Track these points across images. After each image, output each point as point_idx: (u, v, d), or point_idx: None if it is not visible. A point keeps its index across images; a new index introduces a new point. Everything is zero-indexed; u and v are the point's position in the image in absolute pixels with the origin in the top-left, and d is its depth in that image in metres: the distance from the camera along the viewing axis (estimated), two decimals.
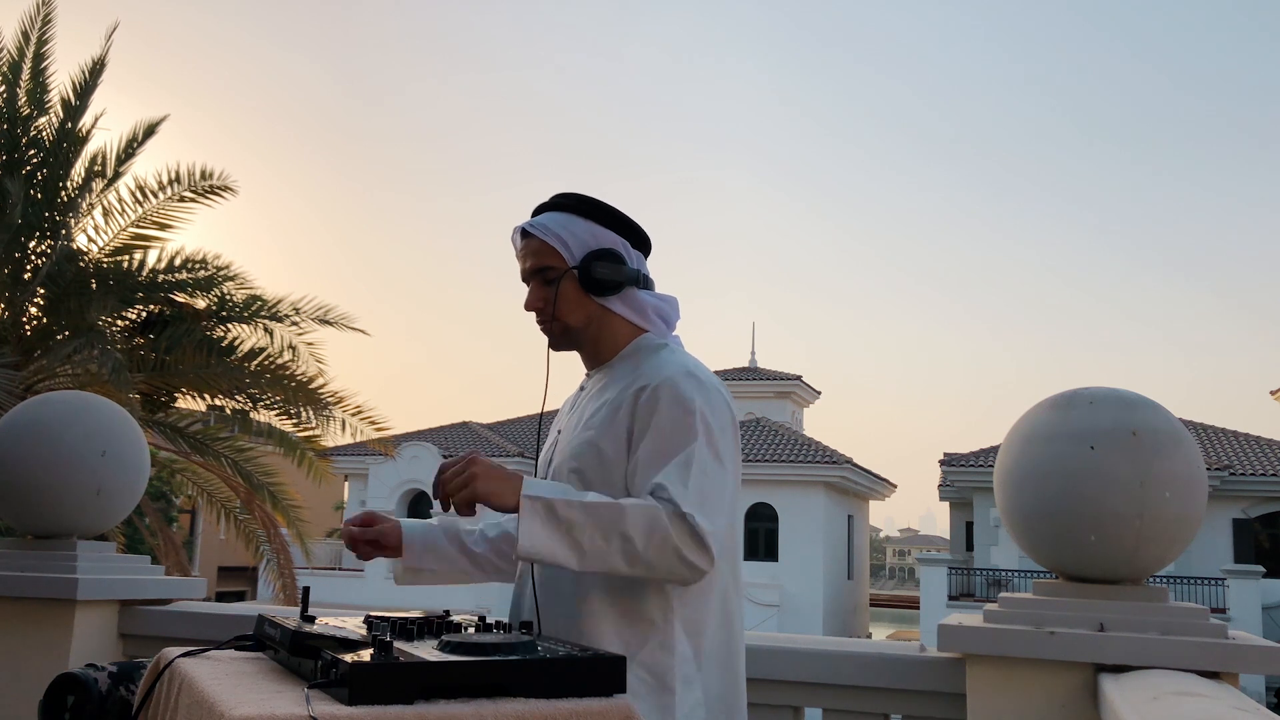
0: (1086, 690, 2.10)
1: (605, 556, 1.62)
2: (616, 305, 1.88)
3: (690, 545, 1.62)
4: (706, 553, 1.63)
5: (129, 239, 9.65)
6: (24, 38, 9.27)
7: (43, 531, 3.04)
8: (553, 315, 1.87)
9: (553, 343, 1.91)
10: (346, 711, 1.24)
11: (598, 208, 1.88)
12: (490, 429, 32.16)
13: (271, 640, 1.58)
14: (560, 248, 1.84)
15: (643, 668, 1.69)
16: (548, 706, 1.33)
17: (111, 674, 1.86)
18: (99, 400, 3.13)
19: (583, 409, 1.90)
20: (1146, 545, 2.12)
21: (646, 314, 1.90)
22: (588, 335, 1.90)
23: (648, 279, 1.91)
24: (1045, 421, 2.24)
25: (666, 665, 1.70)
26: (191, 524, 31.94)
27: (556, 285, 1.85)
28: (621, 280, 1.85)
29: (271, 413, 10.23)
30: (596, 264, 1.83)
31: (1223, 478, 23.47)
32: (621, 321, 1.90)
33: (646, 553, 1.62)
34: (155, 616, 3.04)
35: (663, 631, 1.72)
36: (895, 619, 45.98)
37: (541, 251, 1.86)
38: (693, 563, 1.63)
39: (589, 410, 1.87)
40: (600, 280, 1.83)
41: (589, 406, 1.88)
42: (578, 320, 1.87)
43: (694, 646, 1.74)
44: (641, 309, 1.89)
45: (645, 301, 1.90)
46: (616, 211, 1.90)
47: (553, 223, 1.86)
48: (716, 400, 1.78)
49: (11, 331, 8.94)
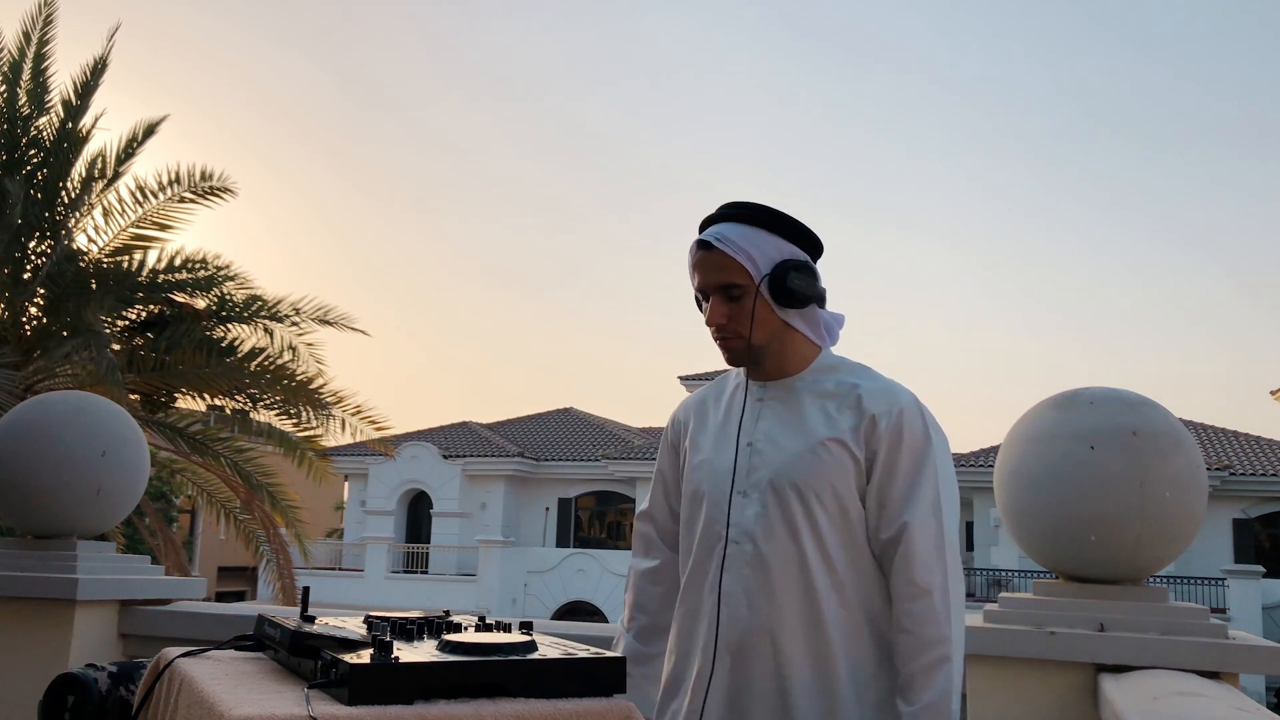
0: (1086, 690, 2.10)
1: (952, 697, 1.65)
2: (797, 321, 1.81)
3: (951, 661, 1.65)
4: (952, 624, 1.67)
5: (129, 239, 9.65)
6: (25, 38, 9.28)
7: (43, 531, 3.04)
8: (740, 332, 1.79)
9: (731, 358, 1.84)
10: (346, 711, 1.24)
11: (781, 219, 1.81)
12: (490, 429, 32.15)
13: (271, 640, 1.58)
14: (748, 264, 1.76)
15: None
16: (548, 706, 1.33)
17: (111, 674, 1.86)
18: (99, 400, 3.13)
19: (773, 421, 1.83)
20: (1146, 545, 2.12)
21: (820, 330, 1.85)
22: (771, 351, 1.82)
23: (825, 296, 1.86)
24: (1045, 421, 2.24)
25: None
26: (191, 524, 31.95)
27: (744, 302, 1.78)
28: (812, 295, 1.78)
29: (271, 413, 10.24)
30: (792, 274, 1.76)
31: (1223, 478, 23.47)
32: (801, 337, 1.83)
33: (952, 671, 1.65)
34: (155, 616, 3.04)
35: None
36: None
37: (727, 268, 1.77)
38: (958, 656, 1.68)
39: (793, 423, 1.81)
40: (793, 292, 1.76)
41: (786, 419, 1.81)
42: (762, 337, 1.80)
43: None
44: (817, 324, 1.83)
45: (821, 317, 1.84)
46: (800, 223, 1.82)
47: (737, 236, 1.78)
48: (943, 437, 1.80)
49: (11, 331, 8.95)
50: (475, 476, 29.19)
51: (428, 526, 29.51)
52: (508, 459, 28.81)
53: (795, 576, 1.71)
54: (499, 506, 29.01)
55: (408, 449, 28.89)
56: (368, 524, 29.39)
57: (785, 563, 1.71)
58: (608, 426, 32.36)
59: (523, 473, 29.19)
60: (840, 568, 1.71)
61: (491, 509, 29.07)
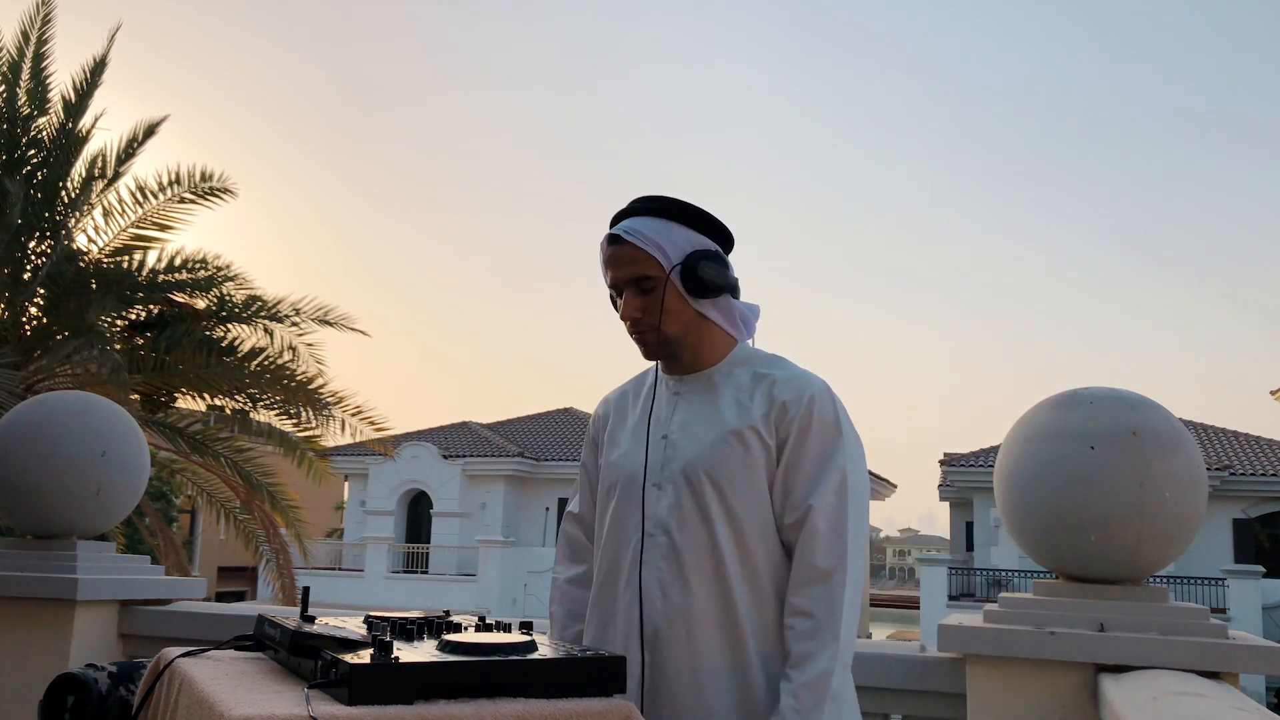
0: (1086, 690, 2.10)
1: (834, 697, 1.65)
2: (711, 312, 1.81)
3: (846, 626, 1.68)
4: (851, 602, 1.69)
5: (129, 239, 9.65)
6: (24, 37, 9.27)
7: (43, 531, 3.03)
8: (655, 325, 1.79)
9: (647, 352, 1.84)
10: (346, 711, 1.24)
11: (690, 211, 1.81)
12: (490, 429, 32.14)
13: (271, 640, 1.58)
14: (659, 255, 1.76)
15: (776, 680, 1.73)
16: (548, 706, 1.33)
17: (111, 674, 1.86)
18: (99, 400, 3.13)
19: (688, 413, 1.82)
20: (1146, 545, 2.12)
21: (735, 321, 1.85)
22: (686, 343, 1.82)
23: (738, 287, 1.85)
24: (1045, 421, 2.24)
25: None
26: (191, 524, 31.94)
27: (656, 294, 1.78)
28: (724, 285, 1.78)
29: (271, 413, 10.24)
30: (703, 264, 1.76)
31: (1223, 478, 23.46)
32: (716, 329, 1.84)
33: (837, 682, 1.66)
34: (155, 616, 3.04)
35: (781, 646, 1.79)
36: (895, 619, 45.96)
37: (638, 260, 1.77)
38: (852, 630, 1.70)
39: (706, 415, 1.81)
40: (704, 282, 1.76)
41: (701, 411, 1.81)
42: (676, 329, 1.80)
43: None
44: (732, 315, 1.84)
45: (736, 308, 1.84)
46: (709, 214, 1.83)
47: (647, 229, 1.78)
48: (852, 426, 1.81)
49: (11, 331, 8.94)
50: (475, 476, 29.18)
51: (428, 526, 29.49)
52: (508, 459, 28.80)
53: (709, 566, 1.72)
54: (499, 506, 29.00)
55: (408, 449, 28.88)
56: (368, 524, 29.38)
57: (699, 553, 1.72)
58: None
59: (523, 473, 29.18)
60: (754, 556, 1.72)
61: (491, 509, 29.06)
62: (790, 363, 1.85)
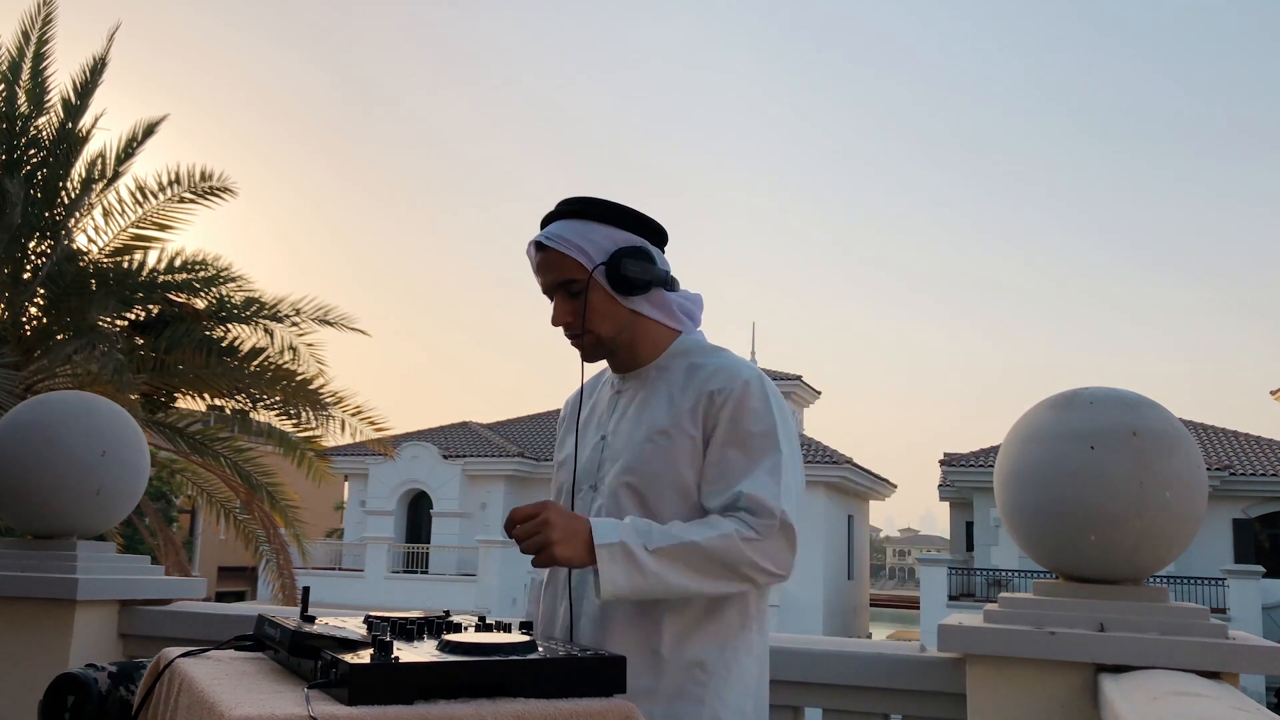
0: (1086, 690, 2.10)
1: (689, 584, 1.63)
2: (645, 307, 1.81)
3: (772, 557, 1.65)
4: (790, 558, 1.68)
5: (129, 239, 9.65)
6: (24, 37, 9.27)
7: (43, 531, 3.03)
8: (584, 328, 1.79)
9: (585, 355, 1.84)
10: (346, 711, 1.24)
11: (612, 209, 1.80)
12: (490, 429, 32.15)
13: (271, 640, 1.58)
14: (581, 258, 1.76)
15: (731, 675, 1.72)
16: (548, 706, 1.33)
17: (111, 674, 1.86)
18: (99, 400, 3.13)
19: (625, 412, 1.83)
20: (1146, 545, 2.12)
21: (674, 313, 1.83)
22: (622, 342, 1.82)
23: (673, 279, 1.84)
24: (1045, 421, 2.24)
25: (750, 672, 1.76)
26: (191, 524, 31.94)
27: (582, 296, 1.77)
28: (651, 280, 1.77)
29: (271, 413, 10.24)
30: (626, 261, 1.75)
31: (1223, 478, 23.46)
32: (653, 324, 1.83)
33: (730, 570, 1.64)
34: (155, 616, 3.04)
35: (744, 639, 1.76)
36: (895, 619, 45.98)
37: (561, 264, 1.78)
38: (773, 572, 1.67)
39: (638, 413, 1.81)
40: (630, 279, 1.75)
41: (635, 410, 1.81)
42: (609, 329, 1.80)
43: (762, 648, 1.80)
44: (668, 308, 1.83)
45: (671, 300, 1.83)
46: (633, 210, 1.82)
47: (568, 232, 1.78)
48: (787, 408, 1.80)
49: (11, 331, 8.94)
50: (475, 476, 29.18)
51: (428, 526, 29.49)
52: (508, 459, 28.80)
53: None
54: (499, 506, 28.99)
55: (408, 449, 28.88)
56: (368, 524, 29.38)
57: None
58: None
59: (523, 473, 29.17)
60: None
61: (491, 509, 29.06)
62: (727, 352, 1.83)
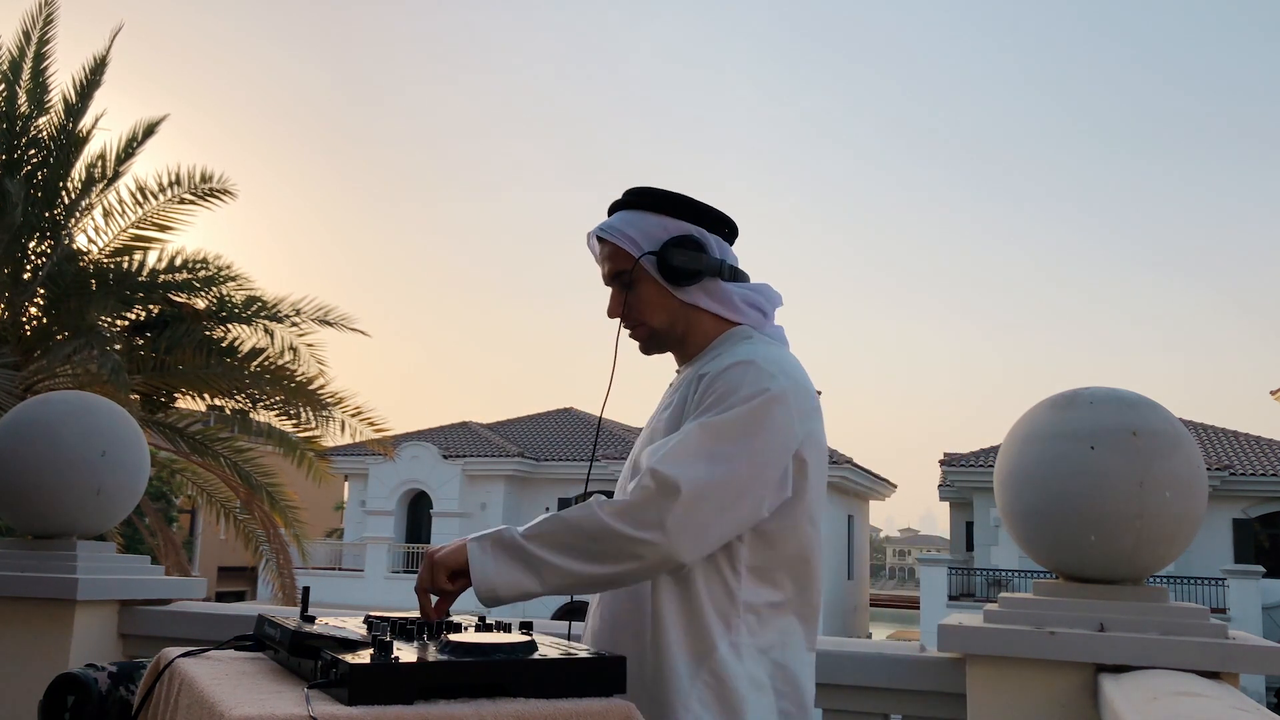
0: (1086, 690, 2.10)
1: (564, 566, 1.53)
2: (700, 298, 1.73)
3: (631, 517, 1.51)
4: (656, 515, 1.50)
5: (129, 240, 9.66)
6: (25, 37, 9.27)
7: (43, 531, 3.03)
8: (635, 320, 1.75)
9: (641, 347, 1.79)
10: (346, 712, 1.24)
11: (667, 198, 1.74)
12: (490, 429, 32.14)
13: (271, 640, 1.58)
14: (629, 247, 1.71)
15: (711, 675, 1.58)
16: (548, 706, 1.33)
17: (111, 674, 1.86)
18: (99, 400, 3.13)
19: (665, 408, 1.77)
20: (1146, 545, 2.12)
21: (734, 305, 1.74)
22: (675, 334, 1.76)
23: (736, 270, 1.75)
24: (1045, 421, 2.24)
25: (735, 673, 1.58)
26: (191, 524, 31.94)
27: (634, 287, 1.73)
28: (700, 269, 1.69)
29: (271, 413, 10.24)
30: (673, 250, 1.68)
31: (1223, 478, 23.46)
32: (708, 316, 1.75)
33: (596, 545, 1.51)
34: (155, 616, 3.04)
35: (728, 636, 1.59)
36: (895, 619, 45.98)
37: (615, 255, 1.74)
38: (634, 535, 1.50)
39: (662, 408, 1.78)
40: (677, 269, 1.69)
41: (671, 407, 1.75)
42: (661, 321, 1.74)
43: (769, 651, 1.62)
44: (728, 300, 1.73)
45: (731, 292, 1.73)
46: (690, 199, 1.75)
47: (621, 222, 1.74)
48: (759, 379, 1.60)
49: (11, 331, 8.94)
50: (475, 476, 29.18)
51: (428, 526, 29.49)
52: (508, 459, 28.80)
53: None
54: (499, 506, 28.99)
55: (408, 449, 28.88)
56: (368, 524, 29.38)
57: None
58: (608, 426, 32.36)
59: (523, 473, 29.18)
60: None
61: (491, 509, 29.06)
62: (753, 340, 1.71)
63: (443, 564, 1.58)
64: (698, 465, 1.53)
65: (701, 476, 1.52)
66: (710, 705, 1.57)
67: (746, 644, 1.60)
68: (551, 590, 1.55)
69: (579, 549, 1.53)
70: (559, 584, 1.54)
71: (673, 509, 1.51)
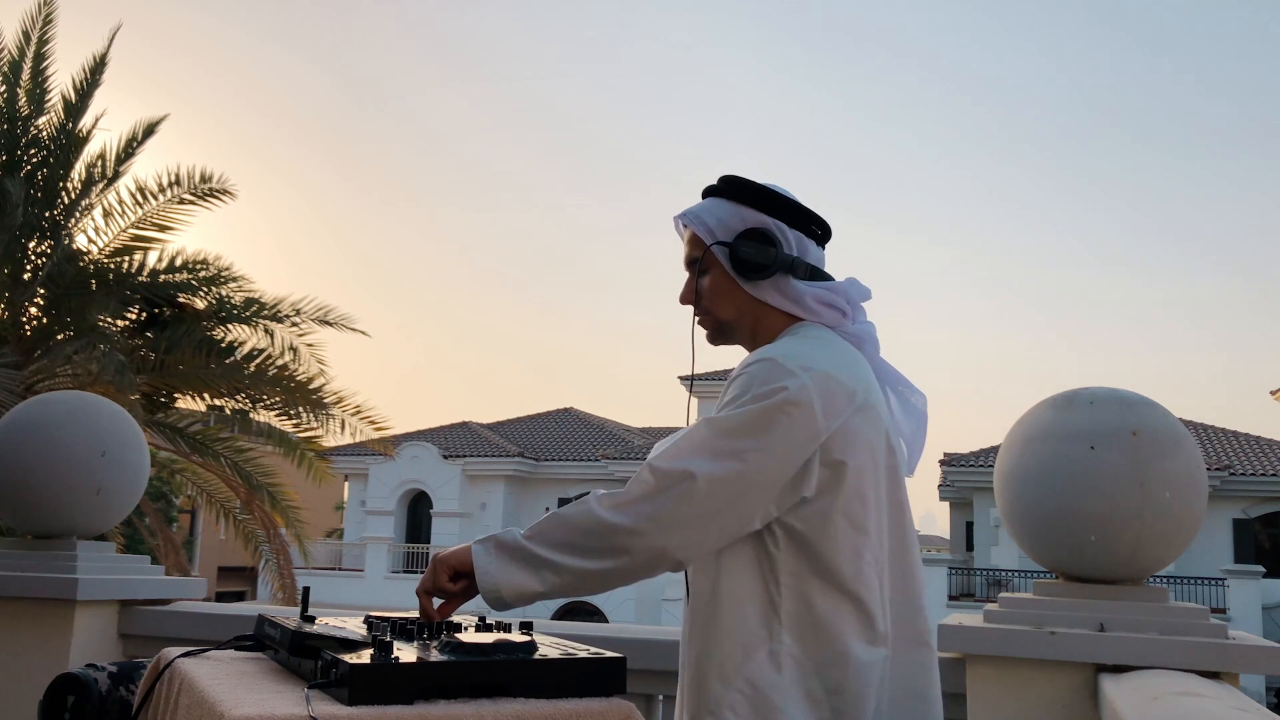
0: (1086, 690, 2.10)
1: (559, 564, 1.51)
2: (770, 295, 1.68)
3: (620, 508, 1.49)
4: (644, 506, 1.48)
5: (129, 240, 9.66)
6: (24, 37, 9.28)
7: (43, 531, 3.04)
8: (704, 309, 1.71)
9: (709, 337, 1.75)
10: (346, 712, 1.23)
11: (752, 189, 1.69)
12: (490, 429, 32.15)
13: (271, 640, 1.58)
14: (705, 234, 1.69)
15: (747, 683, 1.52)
16: (548, 706, 1.33)
17: (111, 674, 1.86)
18: (99, 400, 3.13)
19: None
20: (1146, 545, 2.12)
21: (805, 303, 1.68)
22: (743, 328, 1.72)
23: (815, 269, 1.69)
24: (1045, 421, 2.24)
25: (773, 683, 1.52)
26: (191, 524, 31.94)
27: (704, 275, 1.70)
28: (769, 263, 1.65)
29: (271, 413, 10.24)
30: (742, 244, 1.65)
31: (1223, 478, 23.46)
32: (777, 313, 1.70)
33: (587, 541, 1.50)
34: (155, 616, 3.04)
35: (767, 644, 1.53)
36: None
37: (693, 241, 1.72)
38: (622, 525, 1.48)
39: None
40: (745, 261, 1.65)
41: None
42: (729, 313, 1.71)
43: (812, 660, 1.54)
44: (799, 298, 1.67)
45: (803, 290, 1.67)
46: (775, 192, 1.70)
47: (702, 208, 1.72)
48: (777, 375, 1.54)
49: (11, 331, 8.94)
50: (475, 476, 29.20)
51: (428, 526, 29.50)
52: (508, 459, 28.81)
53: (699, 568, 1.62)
54: (499, 506, 29.00)
55: (408, 449, 28.89)
56: (368, 524, 29.39)
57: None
58: (608, 426, 32.35)
59: (523, 473, 29.19)
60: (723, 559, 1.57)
61: (491, 509, 29.07)
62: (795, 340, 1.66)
63: (444, 563, 1.58)
64: (698, 461, 1.50)
65: (700, 471, 1.49)
66: (743, 714, 1.52)
67: (788, 653, 1.53)
68: (553, 590, 1.53)
69: (574, 545, 1.51)
70: (557, 582, 1.52)
71: (665, 502, 1.48)
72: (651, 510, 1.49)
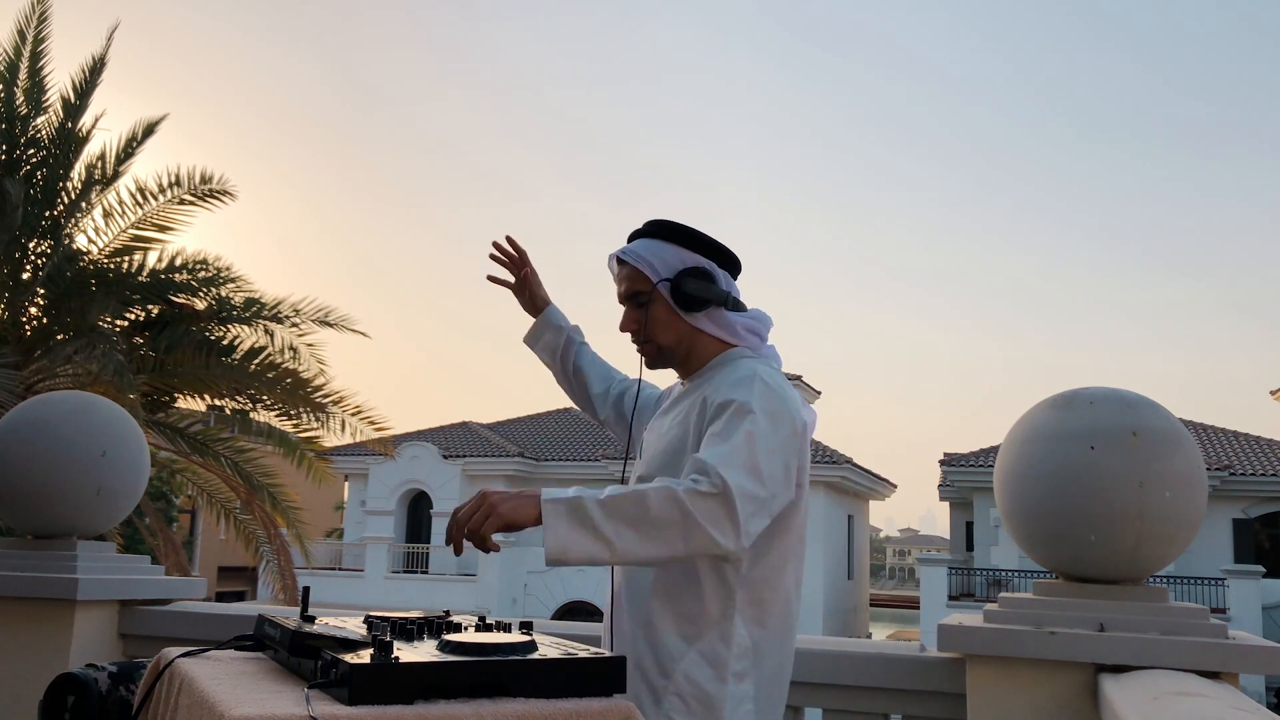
0: (1086, 690, 2.10)
1: (635, 544, 1.65)
2: (705, 324, 1.95)
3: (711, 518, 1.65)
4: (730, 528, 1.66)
5: (129, 240, 9.66)
6: (20, 36, 9.27)
7: (43, 531, 3.03)
8: (645, 337, 1.97)
9: (647, 362, 2.01)
10: (346, 711, 1.24)
11: (685, 233, 1.96)
12: (490, 429, 32.14)
13: (271, 640, 1.58)
14: (649, 272, 1.94)
15: (701, 657, 1.78)
16: (548, 706, 1.33)
17: (111, 674, 1.86)
18: (99, 400, 3.13)
19: (666, 417, 1.99)
20: (1146, 545, 2.12)
21: (736, 331, 1.97)
22: (679, 353, 1.98)
23: (738, 301, 1.98)
24: (1045, 421, 2.24)
25: (724, 657, 1.78)
26: (191, 524, 31.94)
27: (647, 308, 1.95)
28: (709, 298, 1.92)
29: (271, 413, 10.24)
30: (687, 280, 1.91)
31: (1223, 478, 23.46)
32: (710, 339, 1.97)
33: (670, 530, 1.65)
34: (155, 616, 3.03)
35: (721, 624, 1.79)
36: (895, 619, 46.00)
37: (633, 277, 1.96)
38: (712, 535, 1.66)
39: (666, 420, 1.98)
40: (689, 296, 1.91)
41: (667, 416, 1.98)
42: (669, 340, 1.96)
43: (754, 638, 1.81)
44: (730, 327, 1.96)
45: (734, 320, 1.96)
46: (704, 236, 1.97)
47: (642, 248, 1.97)
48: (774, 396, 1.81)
49: (11, 331, 8.94)
50: (475, 476, 29.18)
51: (428, 526, 29.49)
52: (508, 459, 28.79)
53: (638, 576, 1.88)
54: None
55: (408, 449, 28.87)
56: (368, 524, 29.38)
57: None
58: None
59: (523, 473, 29.18)
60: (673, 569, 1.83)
61: None
62: (751, 360, 1.92)
63: (500, 515, 1.65)
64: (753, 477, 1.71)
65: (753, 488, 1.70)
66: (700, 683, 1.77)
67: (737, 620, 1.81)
68: (618, 561, 1.68)
69: (650, 531, 1.65)
70: (625, 559, 1.67)
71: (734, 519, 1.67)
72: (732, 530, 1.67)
